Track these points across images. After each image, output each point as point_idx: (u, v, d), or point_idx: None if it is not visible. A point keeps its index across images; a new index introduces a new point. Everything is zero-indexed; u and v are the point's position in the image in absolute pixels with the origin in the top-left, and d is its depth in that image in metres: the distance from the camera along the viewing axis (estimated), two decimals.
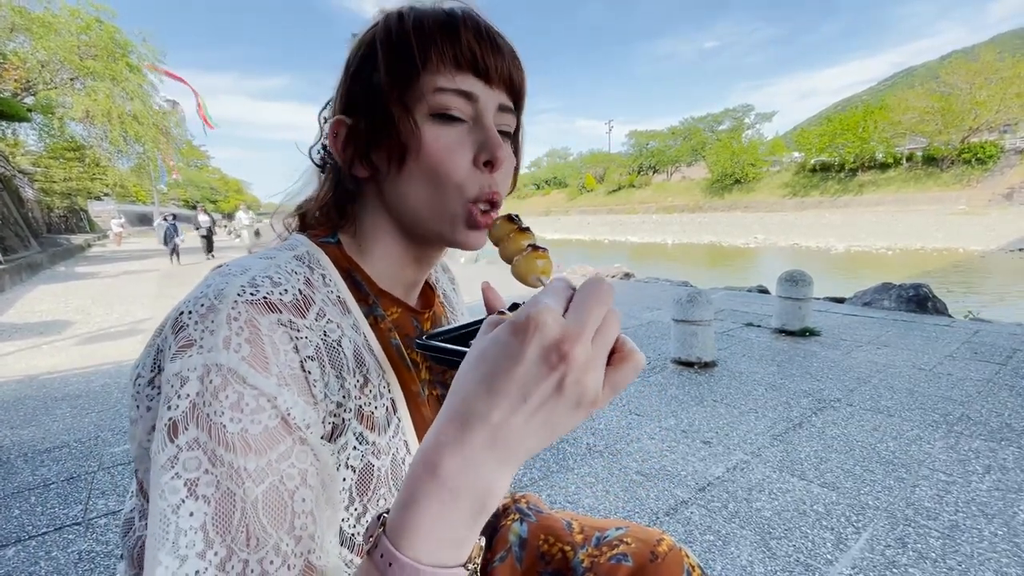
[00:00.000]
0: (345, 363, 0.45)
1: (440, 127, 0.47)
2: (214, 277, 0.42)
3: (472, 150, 0.48)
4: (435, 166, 0.47)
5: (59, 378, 3.75)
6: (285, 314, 0.41)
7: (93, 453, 2.45)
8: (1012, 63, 33.17)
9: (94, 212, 39.22)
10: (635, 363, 0.30)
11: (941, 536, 1.68)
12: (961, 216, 25.53)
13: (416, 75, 0.47)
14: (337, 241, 0.53)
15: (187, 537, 0.33)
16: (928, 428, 2.49)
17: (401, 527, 0.30)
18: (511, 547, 0.65)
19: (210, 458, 0.35)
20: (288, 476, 0.38)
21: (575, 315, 0.28)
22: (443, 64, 0.47)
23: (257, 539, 0.35)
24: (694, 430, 2.54)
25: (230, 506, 0.35)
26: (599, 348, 0.29)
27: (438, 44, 0.46)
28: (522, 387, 0.27)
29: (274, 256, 0.47)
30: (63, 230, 24.89)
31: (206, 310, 0.38)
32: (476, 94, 0.48)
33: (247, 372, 0.37)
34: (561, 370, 0.27)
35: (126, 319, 6.09)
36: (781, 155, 48.76)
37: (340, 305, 0.48)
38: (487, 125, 0.49)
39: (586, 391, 0.28)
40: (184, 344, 0.37)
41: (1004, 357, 3.59)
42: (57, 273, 11.93)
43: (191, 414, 0.35)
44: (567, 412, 0.28)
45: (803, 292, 4.32)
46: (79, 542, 1.76)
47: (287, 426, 0.38)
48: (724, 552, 1.62)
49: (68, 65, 15.68)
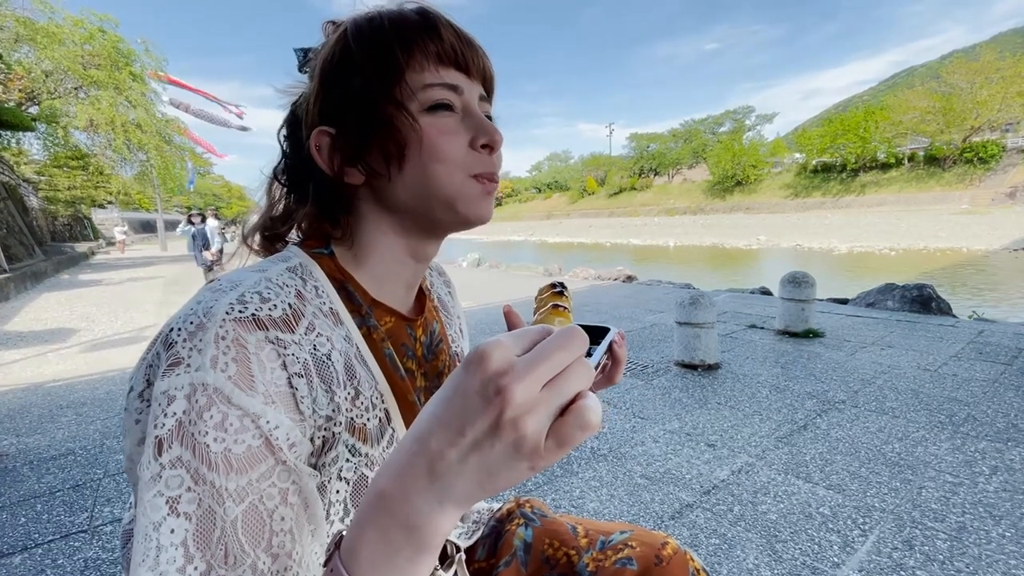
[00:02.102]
0: (335, 376, 0.45)
1: (436, 117, 0.49)
2: (204, 293, 0.43)
3: (467, 135, 0.51)
4: (439, 150, 0.49)
5: (64, 386, 3.77)
6: (273, 331, 0.42)
7: (99, 460, 2.46)
8: (1013, 62, 33.16)
9: (98, 220, 39.45)
10: (578, 418, 0.26)
11: (948, 538, 1.66)
12: (964, 216, 25.46)
13: (401, 74, 0.48)
14: (331, 252, 0.53)
15: (167, 553, 0.34)
16: (934, 429, 2.48)
17: (350, 547, 0.30)
18: (516, 552, 0.66)
19: (193, 476, 0.35)
20: (268, 496, 0.38)
21: (529, 356, 0.26)
22: (427, 61, 0.49)
23: (235, 557, 0.36)
24: (698, 433, 2.53)
25: (210, 524, 0.35)
26: (550, 395, 0.26)
27: (420, 42, 0.48)
28: (460, 418, 0.26)
29: (266, 269, 0.48)
30: (67, 238, 25.02)
31: (195, 328, 0.39)
32: (461, 86, 0.51)
33: (232, 392, 0.37)
34: (497, 405, 0.25)
35: (130, 326, 6.11)
36: (782, 156, 48.79)
37: (332, 317, 0.48)
38: (476, 112, 0.52)
39: (524, 436, 0.25)
40: (173, 362, 0.38)
41: (1010, 357, 3.57)
42: (61, 281, 11.99)
43: (176, 432, 0.36)
44: (504, 456, 0.26)
45: (806, 293, 4.32)
46: (85, 550, 1.76)
47: (270, 446, 0.39)
48: (730, 556, 1.61)
49: (72, 75, 15.80)
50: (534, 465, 0.26)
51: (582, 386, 0.27)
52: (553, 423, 0.26)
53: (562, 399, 0.26)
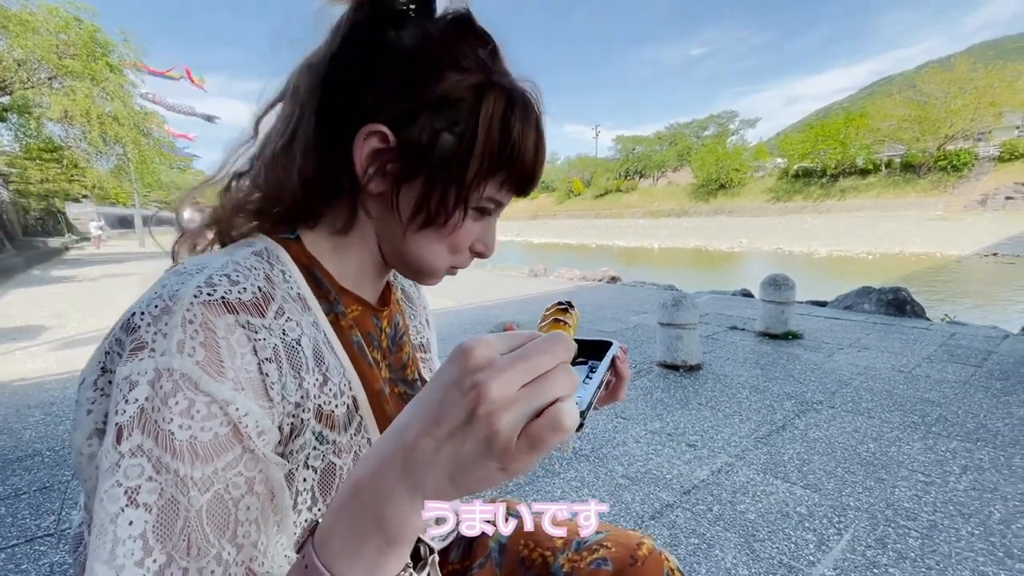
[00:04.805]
0: (304, 362, 0.44)
1: (472, 220, 0.51)
2: (169, 277, 0.41)
3: (476, 237, 0.54)
4: (451, 247, 0.52)
5: (33, 384, 3.65)
6: (243, 315, 0.40)
7: (67, 462, 2.38)
8: (985, 73, 34.15)
9: (72, 215, 38.40)
10: (551, 419, 0.25)
11: (920, 536, 1.70)
12: (938, 221, 26.14)
13: (491, 174, 0.48)
14: (296, 237, 0.51)
15: (125, 546, 0.33)
16: (907, 429, 2.53)
17: (323, 535, 0.30)
18: (491, 553, 0.65)
19: (155, 465, 0.34)
20: (234, 484, 0.37)
21: (511, 355, 0.27)
22: (506, 182, 0.50)
23: (198, 548, 0.35)
24: (679, 433, 2.55)
25: (173, 514, 0.34)
26: (527, 395, 0.26)
27: (523, 163, 0.49)
28: (437, 410, 0.26)
29: (231, 252, 0.46)
30: (40, 232, 24.30)
31: (160, 312, 0.37)
32: (505, 204, 0.53)
33: (200, 377, 0.36)
34: (472, 398, 0.25)
35: (104, 324, 5.94)
36: (765, 161, 49.58)
37: (300, 302, 0.47)
38: (494, 226, 0.55)
39: (497, 432, 0.25)
40: (135, 347, 0.36)
41: (980, 359, 3.68)
42: (32, 277, 11.64)
43: (138, 419, 0.34)
44: (476, 452, 0.25)
45: (786, 296, 4.39)
46: (51, 554, 1.70)
47: (238, 434, 0.37)
48: (708, 555, 1.63)
49: (46, 64, 15.32)
50: (505, 466, 0.25)
51: (561, 392, 0.26)
52: (526, 424, 0.25)
53: (539, 402, 0.26)
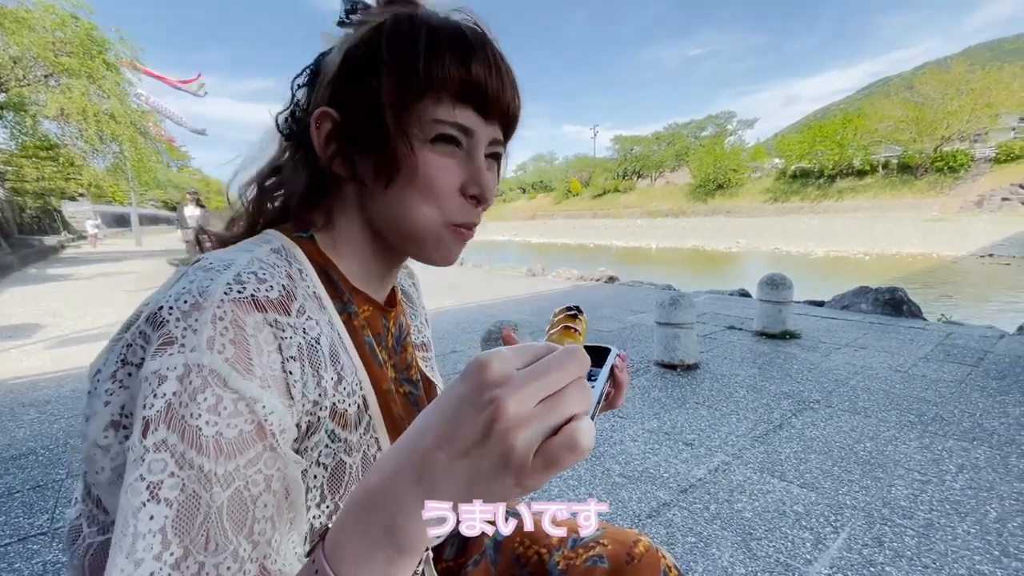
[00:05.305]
0: (323, 360, 0.44)
1: (436, 154, 0.47)
2: (196, 272, 0.41)
3: (461, 178, 0.49)
4: (426, 191, 0.48)
5: (28, 383, 3.63)
6: (271, 313, 0.41)
7: (62, 460, 2.36)
8: (982, 75, 34.29)
9: (68, 213, 38.20)
10: (568, 439, 0.25)
11: (916, 535, 1.70)
12: (935, 222, 26.22)
13: (419, 100, 0.46)
14: (310, 236, 0.52)
15: (145, 541, 0.33)
16: (904, 428, 2.54)
17: (333, 541, 0.30)
18: (486, 550, 0.64)
19: (177, 461, 0.34)
20: (254, 482, 0.37)
21: (527, 370, 0.26)
22: (446, 92, 0.46)
23: (216, 543, 0.34)
24: (676, 432, 2.55)
25: (194, 509, 0.34)
26: (544, 412, 0.25)
27: (446, 68, 0.45)
28: (452, 424, 0.26)
29: (252, 249, 0.46)
30: (36, 231, 24.19)
31: (190, 307, 0.37)
32: (473, 129, 0.48)
33: (229, 374, 0.36)
34: (489, 415, 0.25)
35: (100, 322, 5.92)
36: (763, 161, 49.69)
37: (316, 301, 0.48)
38: (479, 159, 0.49)
39: (512, 449, 0.24)
40: (164, 342, 0.36)
41: (976, 359, 3.69)
42: (28, 275, 11.58)
43: (165, 414, 0.34)
44: (491, 468, 0.25)
45: (783, 295, 4.39)
46: (44, 552, 1.69)
47: (262, 431, 0.37)
48: (705, 553, 1.63)
49: (42, 62, 15.22)
50: (520, 482, 0.25)
51: (578, 408, 0.26)
52: (543, 442, 0.25)
53: (556, 419, 0.26)
